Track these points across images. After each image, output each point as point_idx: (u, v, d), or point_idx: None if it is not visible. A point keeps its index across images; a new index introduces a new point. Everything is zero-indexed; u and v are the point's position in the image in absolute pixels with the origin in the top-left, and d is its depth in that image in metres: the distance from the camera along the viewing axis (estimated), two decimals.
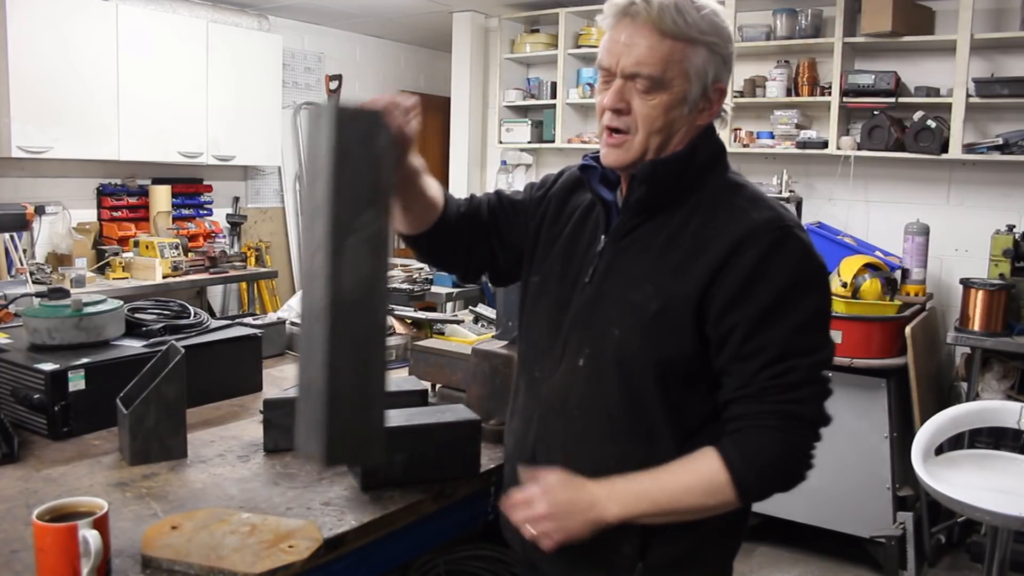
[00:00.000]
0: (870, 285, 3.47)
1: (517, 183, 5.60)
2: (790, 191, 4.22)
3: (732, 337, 1.17)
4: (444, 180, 6.24)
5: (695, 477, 1.19)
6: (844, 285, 3.46)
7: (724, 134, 4.33)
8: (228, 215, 5.46)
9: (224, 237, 5.33)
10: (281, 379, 2.18)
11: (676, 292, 1.19)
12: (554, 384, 1.31)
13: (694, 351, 1.20)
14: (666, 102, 1.20)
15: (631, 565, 1.26)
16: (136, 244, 4.66)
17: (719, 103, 1.26)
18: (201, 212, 5.40)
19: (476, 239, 1.46)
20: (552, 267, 1.37)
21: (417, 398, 1.78)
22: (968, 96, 3.66)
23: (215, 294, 5.53)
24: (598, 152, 1.32)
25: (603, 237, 1.30)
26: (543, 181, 1.48)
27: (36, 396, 1.68)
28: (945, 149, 3.73)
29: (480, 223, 1.46)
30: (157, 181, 5.11)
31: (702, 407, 1.24)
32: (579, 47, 4.98)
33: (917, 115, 3.79)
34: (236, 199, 5.65)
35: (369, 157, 1.19)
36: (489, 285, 4.10)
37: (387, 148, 1.22)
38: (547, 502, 1.20)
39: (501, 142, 5.31)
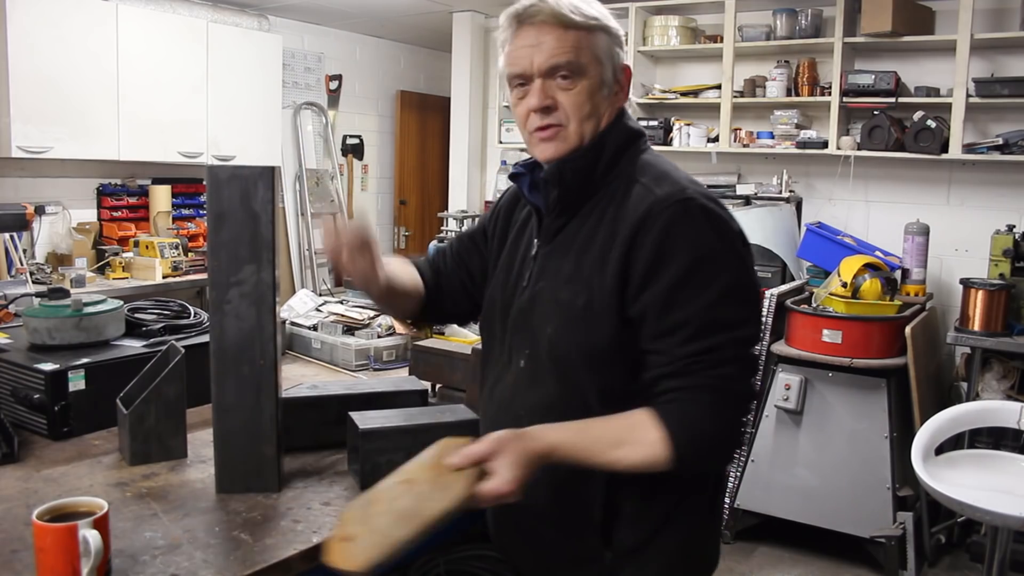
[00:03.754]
0: (870, 285, 3.47)
1: None
2: (790, 191, 4.22)
3: (648, 316, 1.19)
4: (444, 180, 6.24)
5: (636, 434, 1.17)
6: (844, 285, 3.46)
7: (724, 130, 4.33)
8: None
9: None
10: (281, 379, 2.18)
11: (597, 283, 1.23)
12: (502, 388, 1.36)
13: (620, 338, 1.22)
14: (588, 87, 1.25)
15: (599, 555, 1.27)
16: (136, 244, 4.66)
17: (628, 84, 1.31)
18: (201, 212, 5.39)
19: (455, 290, 1.55)
20: (497, 278, 1.43)
21: (417, 398, 1.78)
22: (968, 96, 3.66)
23: None
24: (526, 160, 1.38)
25: (536, 241, 1.35)
26: (496, 200, 1.55)
27: (36, 396, 1.68)
28: (945, 149, 3.73)
29: (448, 275, 1.55)
30: (157, 181, 5.11)
31: (636, 391, 1.24)
32: None
33: (917, 115, 3.79)
34: None
35: (247, 216, 1.38)
36: None
37: (265, 205, 1.38)
38: (506, 464, 1.14)
39: (501, 142, 5.30)
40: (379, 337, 2.42)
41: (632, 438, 1.17)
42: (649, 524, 1.27)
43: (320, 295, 3.00)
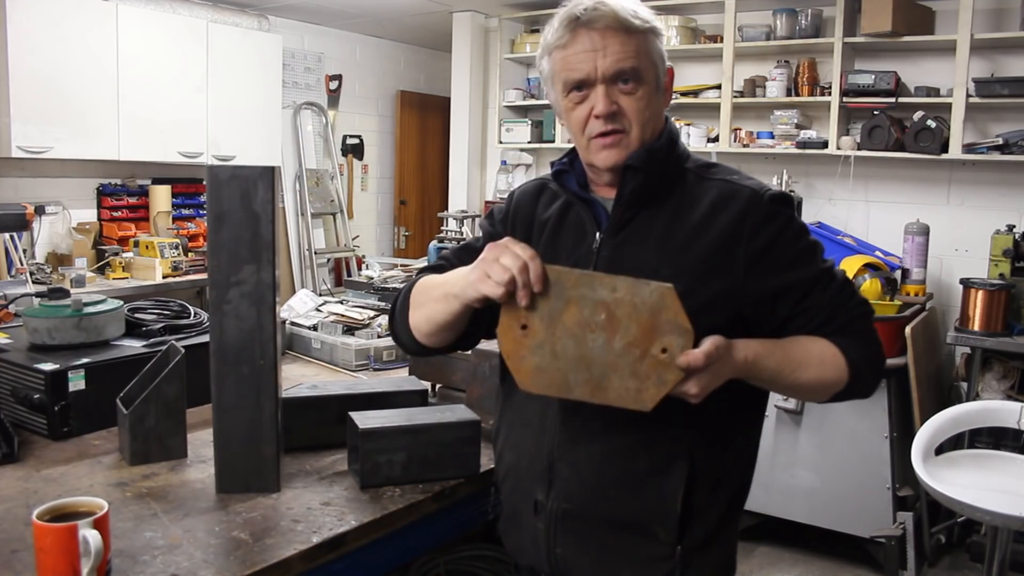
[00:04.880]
0: (870, 285, 3.47)
1: (517, 183, 5.60)
2: (790, 191, 4.22)
3: (791, 290, 1.27)
4: (444, 180, 6.24)
5: (817, 348, 1.26)
6: None
7: (724, 130, 4.33)
8: None
9: None
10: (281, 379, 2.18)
11: (696, 271, 1.24)
12: None
13: (722, 323, 1.23)
14: (647, 92, 1.27)
15: (669, 552, 1.27)
16: (136, 244, 4.66)
17: (672, 85, 1.35)
18: (201, 212, 5.40)
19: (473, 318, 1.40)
20: None
21: (417, 398, 1.78)
22: (968, 96, 3.66)
23: None
24: (564, 158, 1.38)
25: (598, 234, 1.32)
26: (498, 210, 1.50)
27: (36, 396, 1.68)
28: (945, 149, 3.73)
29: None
30: (157, 181, 5.11)
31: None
32: None
33: (917, 115, 3.79)
34: None
35: (247, 216, 1.38)
36: None
37: (265, 205, 1.38)
38: (713, 373, 1.16)
39: (501, 142, 5.31)
40: (379, 337, 2.42)
41: (815, 358, 1.26)
42: (715, 516, 1.30)
43: (320, 295, 3.00)
